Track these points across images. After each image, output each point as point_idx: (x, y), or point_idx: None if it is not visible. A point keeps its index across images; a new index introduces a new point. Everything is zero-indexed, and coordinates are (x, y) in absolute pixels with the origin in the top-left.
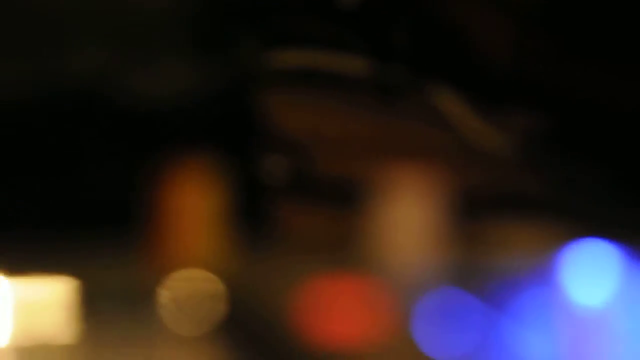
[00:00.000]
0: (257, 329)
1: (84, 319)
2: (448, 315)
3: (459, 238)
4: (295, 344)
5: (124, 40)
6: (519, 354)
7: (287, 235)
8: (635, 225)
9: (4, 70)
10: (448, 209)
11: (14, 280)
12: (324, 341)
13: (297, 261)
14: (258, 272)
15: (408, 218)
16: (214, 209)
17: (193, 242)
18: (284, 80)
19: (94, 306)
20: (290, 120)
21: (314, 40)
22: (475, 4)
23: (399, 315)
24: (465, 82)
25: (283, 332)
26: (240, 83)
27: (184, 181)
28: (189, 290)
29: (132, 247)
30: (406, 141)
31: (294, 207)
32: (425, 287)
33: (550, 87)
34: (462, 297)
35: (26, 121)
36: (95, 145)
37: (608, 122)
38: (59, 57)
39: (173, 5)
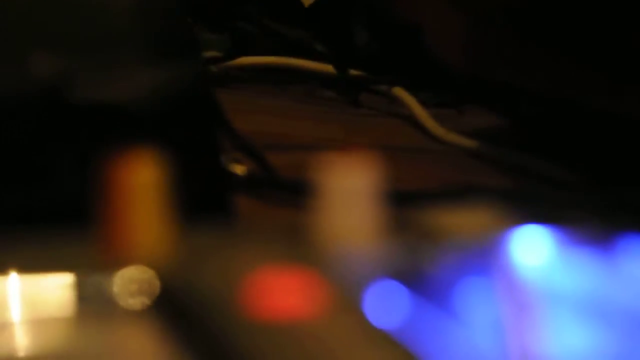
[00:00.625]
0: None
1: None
2: (388, 302)
3: (401, 228)
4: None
5: (82, 42)
6: (460, 338)
7: (244, 226)
8: (589, 216)
9: None
10: (386, 200)
11: None
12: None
13: (248, 249)
14: (205, 258)
15: (350, 209)
16: (161, 200)
17: (139, 231)
18: (244, 80)
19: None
20: (249, 120)
21: (275, 42)
22: (429, 2)
23: (341, 301)
24: (421, 80)
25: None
26: (201, 84)
27: (133, 175)
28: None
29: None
30: (364, 138)
31: (251, 201)
32: (368, 275)
33: (504, 83)
34: (402, 284)
35: None
36: (52, 145)
37: (563, 116)
38: (15, 60)
39: (134, 7)
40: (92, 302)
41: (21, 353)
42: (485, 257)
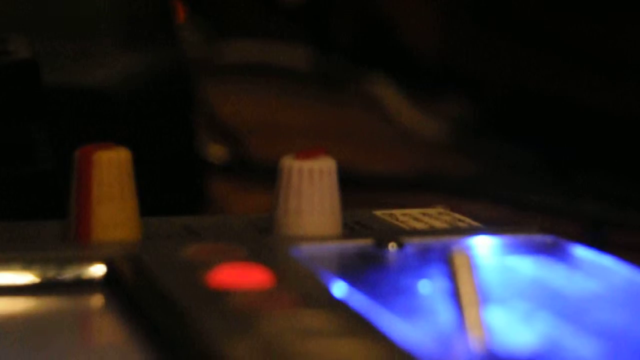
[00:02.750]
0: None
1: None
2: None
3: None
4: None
5: (59, 25)
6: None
7: (222, 212)
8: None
9: None
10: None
11: None
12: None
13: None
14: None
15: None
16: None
17: (111, 214)
18: (227, 70)
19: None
20: (231, 109)
21: (258, 32)
22: None
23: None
24: (398, 71)
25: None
26: (183, 71)
27: (107, 158)
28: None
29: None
30: (343, 128)
31: (232, 188)
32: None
33: (478, 72)
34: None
35: None
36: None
37: (538, 105)
38: None
39: None
40: (59, 282)
41: None
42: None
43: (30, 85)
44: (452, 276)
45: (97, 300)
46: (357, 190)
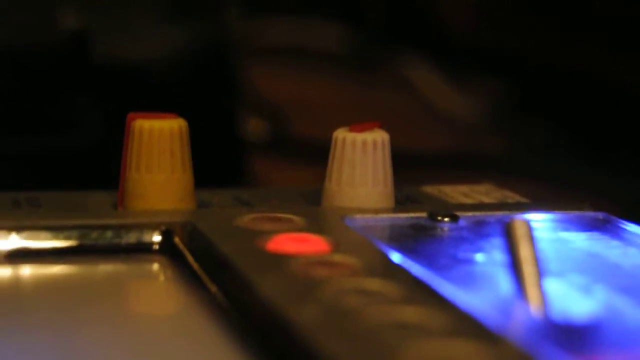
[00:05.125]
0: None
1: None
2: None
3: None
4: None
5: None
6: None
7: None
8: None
9: None
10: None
11: None
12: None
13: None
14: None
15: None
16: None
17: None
18: (265, 48)
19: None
20: (269, 86)
21: (292, 10)
22: None
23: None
24: (432, 49)
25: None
26: (222, 47)
27: (153, 130)
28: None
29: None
30: (377, 107)
31: (270, 163)
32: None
33: (514, 50)
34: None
35: (5, 76)
36: (74, 102)
37: (570, 86)
38: (40, 15)
39: None
40: (115, 247)
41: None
42: (494, 232)
43: (79, 57)
44: (511, 244)
45: (153, 267)
46: (394, 166)
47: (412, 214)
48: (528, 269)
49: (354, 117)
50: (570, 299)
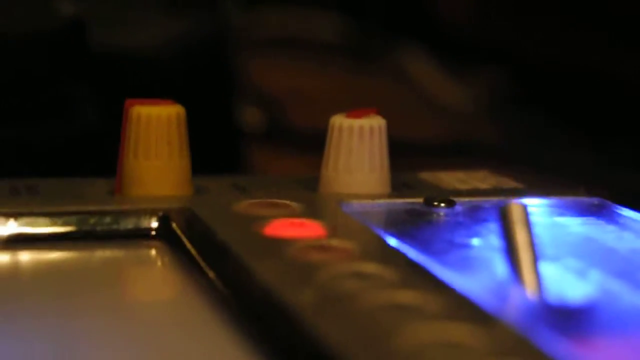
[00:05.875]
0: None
1: None
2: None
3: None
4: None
5: None
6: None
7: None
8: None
9: None
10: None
11: None
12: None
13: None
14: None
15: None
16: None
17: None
18: (262, 39)
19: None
20: (266, 77)
21: (290, 1)
22: None
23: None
24: (430, 40)
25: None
26: (219, 37)
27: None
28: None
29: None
30: (374, 97)
31: (267, 153)
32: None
33: (511, 42)
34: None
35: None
36: (72, 89)
37: (566, 75)
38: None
39: None
40: (113, 233)
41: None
42: (490, 217)
43: (77, 45)
44: (507, 228)
45: (150, 253)
46: (390, 155)
47: (408, 200)
48: (524, 253)
49: (352, 107)
50: (566, 282)
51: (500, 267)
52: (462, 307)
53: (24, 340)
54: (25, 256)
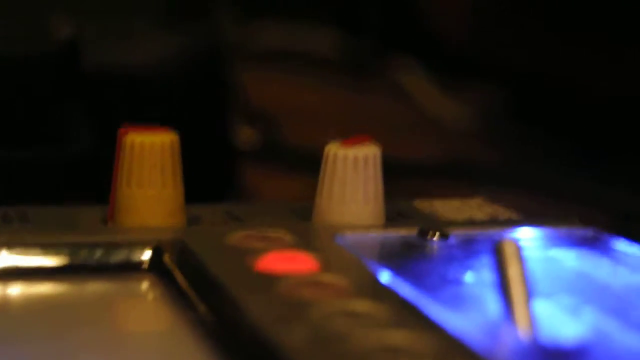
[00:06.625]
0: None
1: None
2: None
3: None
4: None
5: (98, 6)
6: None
7: (253, 196)
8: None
9: None
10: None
11: None
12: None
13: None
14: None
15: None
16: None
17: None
18: (257, 54)
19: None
20: (261, 93)
21: (286, 15)
22: None
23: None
24: (426, 57)
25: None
26: (215, 54)
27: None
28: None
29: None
30: (370, 114)
31: (262, 172)
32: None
33: (507, 59)
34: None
35: None
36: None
37: (565, 94)
38: (32, 21)
39: None
40: (104, 265)
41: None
42: (484, 249)
43: (71, 66)
44: (500, 265)
45: (142, 286)
46: (385, 176)
47: (402, 231)
48: (516, 291)
49: (347, 124)
50: (559, 321)
51: (492, 304)
52: (453, 349)
53: None
54: (16, 289)
